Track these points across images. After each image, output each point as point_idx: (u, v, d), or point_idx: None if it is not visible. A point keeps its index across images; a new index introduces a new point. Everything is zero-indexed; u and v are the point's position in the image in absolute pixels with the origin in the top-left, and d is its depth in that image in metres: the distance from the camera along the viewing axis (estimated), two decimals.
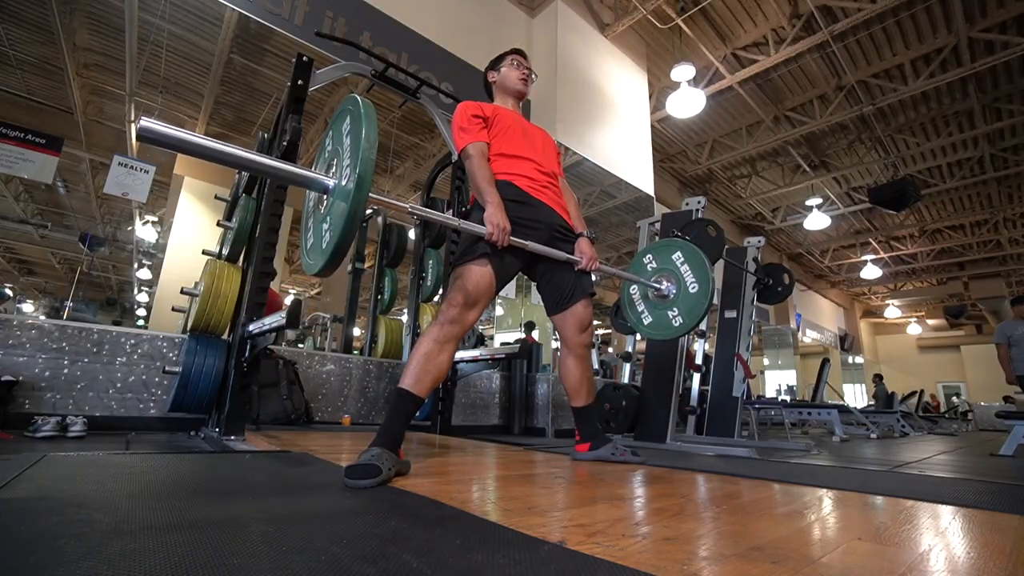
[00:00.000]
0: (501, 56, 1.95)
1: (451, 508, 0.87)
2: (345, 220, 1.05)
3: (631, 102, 5.80)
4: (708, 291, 1.89)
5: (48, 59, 5.14)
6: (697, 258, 1.94)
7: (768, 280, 3.52)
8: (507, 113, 1.78)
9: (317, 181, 1.16)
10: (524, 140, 1.76)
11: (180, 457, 1.37)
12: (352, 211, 1.04)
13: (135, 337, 2.55)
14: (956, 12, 5.11)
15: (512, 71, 1.88)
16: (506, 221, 1.48)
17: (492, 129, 1.72)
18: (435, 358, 1.37)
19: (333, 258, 1.09)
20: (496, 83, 1.92)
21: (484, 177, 1.57)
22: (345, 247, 1.08)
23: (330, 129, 1.28)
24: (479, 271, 1.48)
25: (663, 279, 2.02)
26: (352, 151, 1.09)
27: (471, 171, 1.60)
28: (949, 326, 15.38)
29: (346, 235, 1.06)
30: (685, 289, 1.95)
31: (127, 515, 0.70)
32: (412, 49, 4.04)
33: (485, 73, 1.96)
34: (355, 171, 1.05)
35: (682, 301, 1.96)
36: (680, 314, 1.95)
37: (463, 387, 3.79)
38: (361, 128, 1.07)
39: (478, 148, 1.63)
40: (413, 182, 7.61)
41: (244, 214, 2.56)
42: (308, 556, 0.56)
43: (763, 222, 10.13)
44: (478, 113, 1.70)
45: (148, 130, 0.91)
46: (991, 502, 1.17)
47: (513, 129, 1.74)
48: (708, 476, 1.48)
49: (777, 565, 0.61)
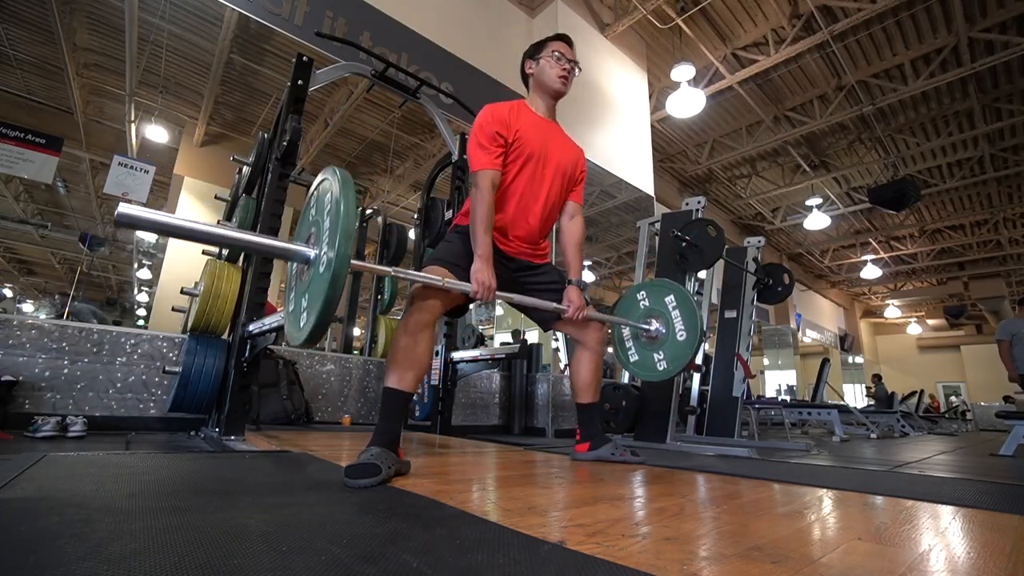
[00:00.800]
0: (542, 43, 1.73)
1: (451, 508, 0.87)
2: (325, 293, 1.02)
3: (631, 102, 5.80)
4: (695, 339, 1.88)
5: (48, 59, 5.14)
6: (689, 305, 1.93)
7: (768, 280, 3.52)
8: (532, 137, 1.60)
9: (298, 253, 1.15)
10: (532, 184, 1.60)
11: (180, 457, 1.37)
12: (332, 283, 1.01)
13: (135, 337, 2.55)
14: (956, 12, 5.11)
15: (552, 66, 1.67)
16: (492, 278, 1.42)
17: (510, 153, 1.57)
18: (413, 349, 1.32)
19: (315, 332, 1.07)
20: (533, 76, 1.72)
21: (483, 221, 1.45)
22: (327, 319, 1.06)
23: (312, 199, 1.25)
24: (444, 273, 1.45)
25: (653, 319, 2.00)
26: (332, 223, 1.07)
27: (474, 205, 1.48)
28: (949, 326, 15.37)
29: (327, 307, 1.04)
30: (673, 335, 1.94)
31: (127, 515, 0.70)
32: (412, 49, 4.04)
33: (523, 61, 1.76)
34: (335, 245, 1.02)
35: (669, 346, 1.95)
36: (665, 359, 1.95)
37: (463, 387, 3.79)
38: (340, 200, 1.05)
39: (489, 179, 1.49)
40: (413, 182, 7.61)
41: (244, 214, 2.56)
42: (308, 556, 0.56)
43: (763, 222, 10.13)
44: (502, 131, 1.54)
45: (125, 216, 0.90)
46: (991, 502, 1.17)
47: (529, 166, 1.59)
48: (708, 476, 1.48)
49: (777, 565, 0.61)
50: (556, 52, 1.68)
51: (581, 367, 1.73)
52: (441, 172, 3.55)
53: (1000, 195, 8.62)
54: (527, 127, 1.60)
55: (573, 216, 1.76)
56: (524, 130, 1.59)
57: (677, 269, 2.81)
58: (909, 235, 10.77)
